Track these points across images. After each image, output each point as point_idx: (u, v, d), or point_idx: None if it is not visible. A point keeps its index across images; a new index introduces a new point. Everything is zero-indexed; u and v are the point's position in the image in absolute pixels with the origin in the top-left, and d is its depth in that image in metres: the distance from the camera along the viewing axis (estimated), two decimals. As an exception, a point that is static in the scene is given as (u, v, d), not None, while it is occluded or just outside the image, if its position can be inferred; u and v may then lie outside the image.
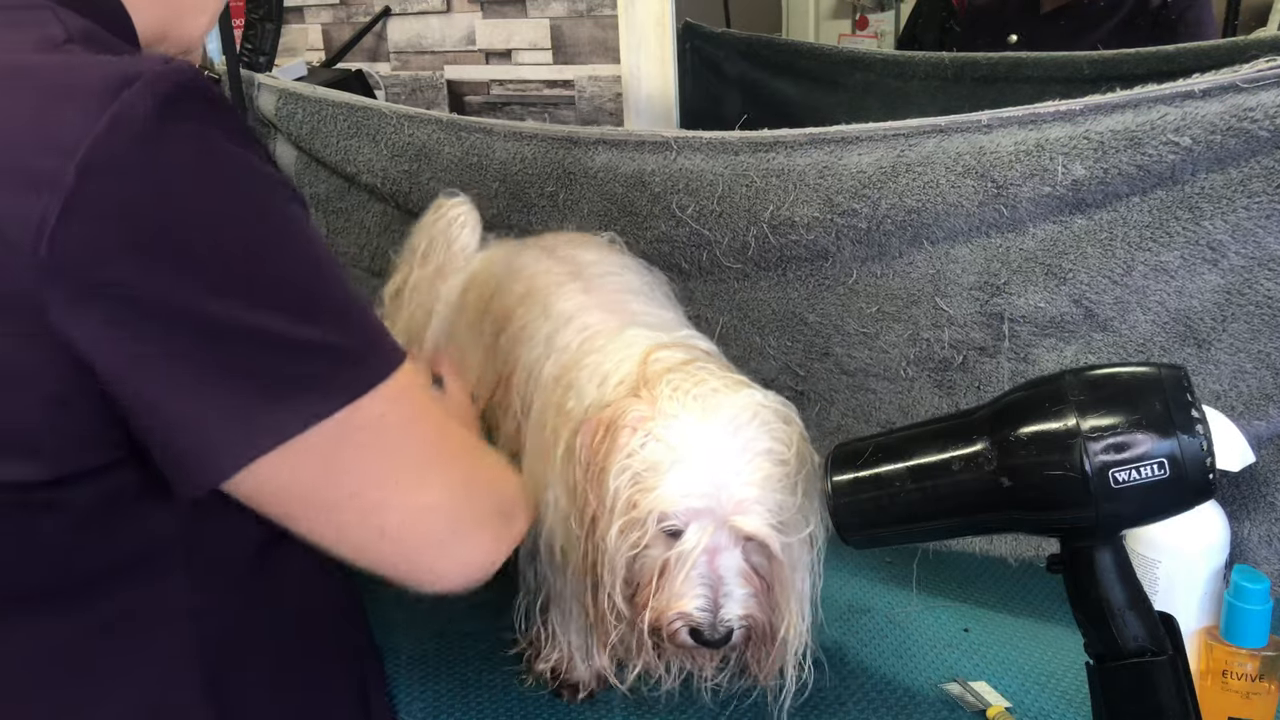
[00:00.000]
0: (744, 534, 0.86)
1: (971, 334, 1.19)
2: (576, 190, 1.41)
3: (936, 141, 1.12)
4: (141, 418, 0.59)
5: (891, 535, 0.84)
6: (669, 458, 0.84)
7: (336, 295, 0.64)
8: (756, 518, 0.85)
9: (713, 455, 0.85)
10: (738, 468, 0.85)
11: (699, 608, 0.86)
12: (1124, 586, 0.75)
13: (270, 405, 0.60)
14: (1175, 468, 0.70)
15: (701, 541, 0.85)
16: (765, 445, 0.86)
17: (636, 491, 0.85)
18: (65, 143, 0.54)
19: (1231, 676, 0.89)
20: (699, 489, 0.84)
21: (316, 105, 1.65)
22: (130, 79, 0.56)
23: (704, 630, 0.86)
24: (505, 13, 2.07)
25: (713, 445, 0.85)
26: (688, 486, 0.84)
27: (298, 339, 0.60)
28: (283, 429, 0.60)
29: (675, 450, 0.85)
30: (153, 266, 0.55)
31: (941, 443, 0.79)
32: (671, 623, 0.87)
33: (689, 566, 0.85)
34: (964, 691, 1.01)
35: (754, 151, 1.23)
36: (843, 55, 2.00)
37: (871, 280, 1.24)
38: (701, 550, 0.85)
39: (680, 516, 0.85)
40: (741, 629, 0.87)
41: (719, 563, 0.86)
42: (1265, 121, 0.96)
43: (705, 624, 0.86)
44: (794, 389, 1.32)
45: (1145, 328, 1.11)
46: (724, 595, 0.86)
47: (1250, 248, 1.03)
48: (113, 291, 0.55)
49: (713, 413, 0.86)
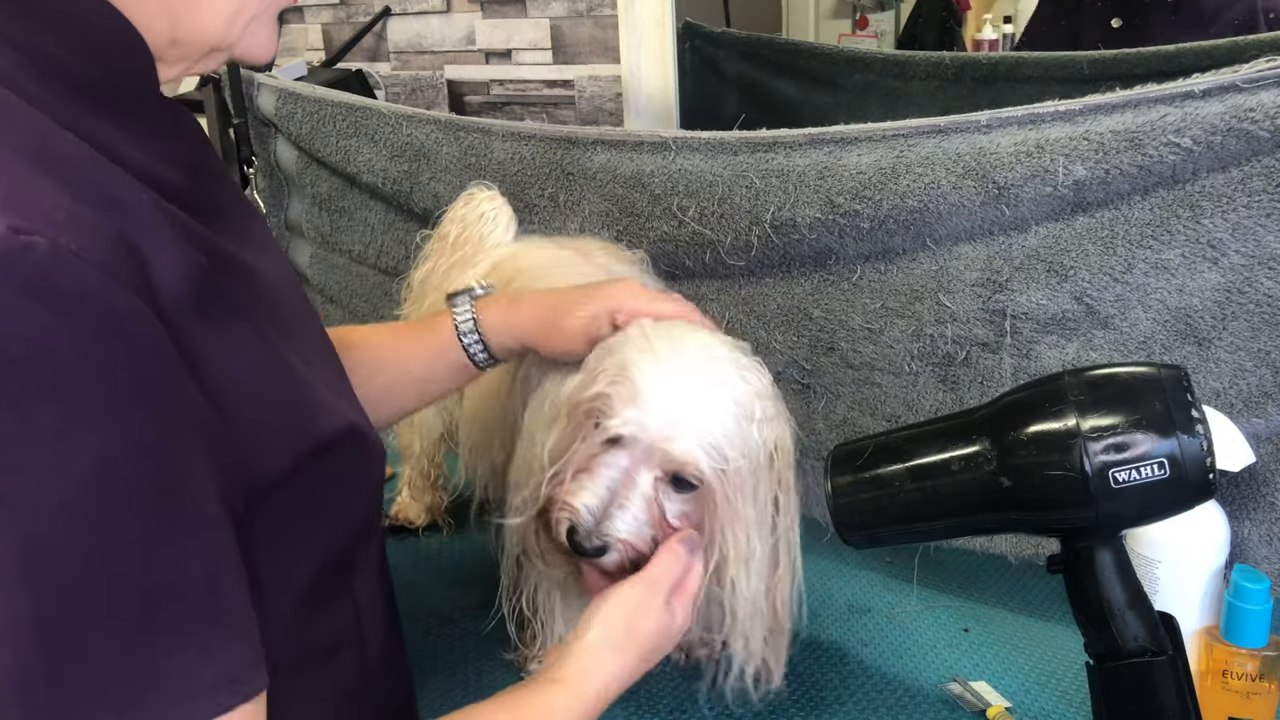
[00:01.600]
0: (673, 461, 0.84)
1: (974, 330, 1.19)
2: (576, 191, 1.41)
3: (936, 142, 1.12)
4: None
5: (891, 535, 0.84)
6: (626, 376, 0.86)
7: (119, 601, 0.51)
8: (691, 446, 0.84)
9: (668, 383, 0.85)
10: (688, 398, 0.85)
11: (587, 505, 0.85)
12: (1124, 586, 0.75)
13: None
14: (1175, 468, 0.70)
15: (627, 453, 0.85)
16: (724, 387, 0.87)
17: (589, 398, 0.86)
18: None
19: (1231, 676, 0.89)
20: (644, 408, 0.84)
21: (315, 105, 1.65)
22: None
23: (579, 530, 0.85)
24: (505, 13, 2.07)
25: (670, 373, 0.86)
26: (634, 403, 0.84)
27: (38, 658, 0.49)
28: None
29: (634, 371, 0.86)
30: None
31: (941, 443, 0.79)
32: (559, 512, 0.86)
33: (603, 469, 0.85)
34: (964, 691, 1.01)
35: (753, 152, 1.23)
36: (843, 55, 2.00)
37: (875, 277, 1.24)
38: (624, 462, 0.85)
39: (619, 427, 0.85)
40: (618, 553, 0.85)
41: (633, 480, 0.85)
42: (1265, 121, 0.96)
43: (584, 525, 0.85)
44: (800, 383, 1.32)
45: (1146, 325, 1.11)
46: (618, 508, 0.85)
47: (1250, 246, 1.03)
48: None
49: (680, 347, 0.87)
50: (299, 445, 0.65)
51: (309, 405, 0.67)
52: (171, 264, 0.55)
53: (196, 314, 0.57)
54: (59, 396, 0.49)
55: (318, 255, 1.82)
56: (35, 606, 0.49)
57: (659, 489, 0.86)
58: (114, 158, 0.58)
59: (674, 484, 0.86)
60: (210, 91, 1.76)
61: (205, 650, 0.53)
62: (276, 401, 0.64)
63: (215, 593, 0.55)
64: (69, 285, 0.49)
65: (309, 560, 0.68)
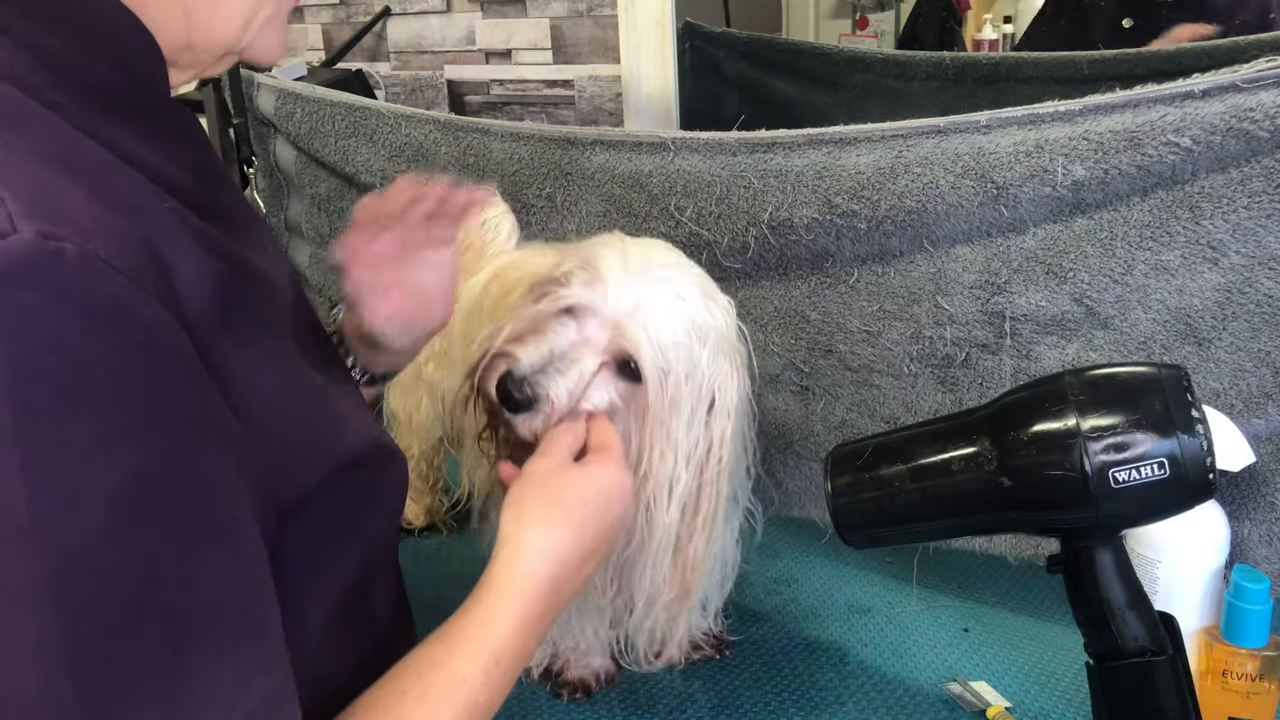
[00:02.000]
0: (622, 339, 0.85)
1: (973, 332, 1.19)
2: (574, 191, 1.40)
3: (935, 142, 1.12)
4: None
5: (891, 535, 0.84)
6: (592, 263, 0.87)
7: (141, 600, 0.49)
8: (640, 333, 0.85)
9: (632, 278, 0.86)
10: (647, 296, 0.86)
11: (528, 357, 0.83)
12: (1124, 586, 0.75)
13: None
14: (1175, 468, 0.70)
15: (577, 326, 0.85)
16: (685, 302, 0.88)
17: (552, 274, 0.88)
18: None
19: (1231, 676, 0.89)
20: (602, 289, 0.86)
21: (314, 105, 1.65)
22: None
23: (512, 375, 0.83)
24: (505, 13, 2.07)
25: (635, 271, 0.87)
26: (594, 284, 0.86)
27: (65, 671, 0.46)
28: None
29: (601, 261, 0.87)
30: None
31: (941, 443, 0.79)
32: (495, 360, 0.85)
33: (552, 333, 0.85)
34: (964, 691, 1.01)
35: (751, 152, 1.23)
36: (843, 55, 2.00)
37: (873, 279, 1.23)
38: (573, 334, 0.85)
39: (576, 296, 0.86)
40: (542, 414, 0.83)
41: (579, 354, 0.85)
42: (1265, 122, 0.96)
43: (518, 371, 0.83)
44: (799, 385, 1.32)
45: (1146, 326, 1.11)
46: (557, 372, 0.84)
47: (1250, 247, 1.03)
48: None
49: (653, 257, 0.90)
50: (329, 460, 0.63)
51: (333, 418, 0.66)
52: (194, 273, 0.54)
53: (220, 325, 0.56)
54: (91, 410, 0.47)
55: (317, 255, 1.82)
56: (67, 628, 0.46)
57: (600, 376, 0.86)
58: (132, 163, 0.57)
59: (620, 370, 0.86)
60: (210, 91, 1.76)
61: (243, 676, 0.52)
62: (302, 415, 0.62)
63: (251, 615, 0.53)
64: (99, 293, 0.47)
65: (337, 581, 0.66)
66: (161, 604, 0.49)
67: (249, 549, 0.54)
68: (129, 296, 0.49)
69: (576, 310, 0.86)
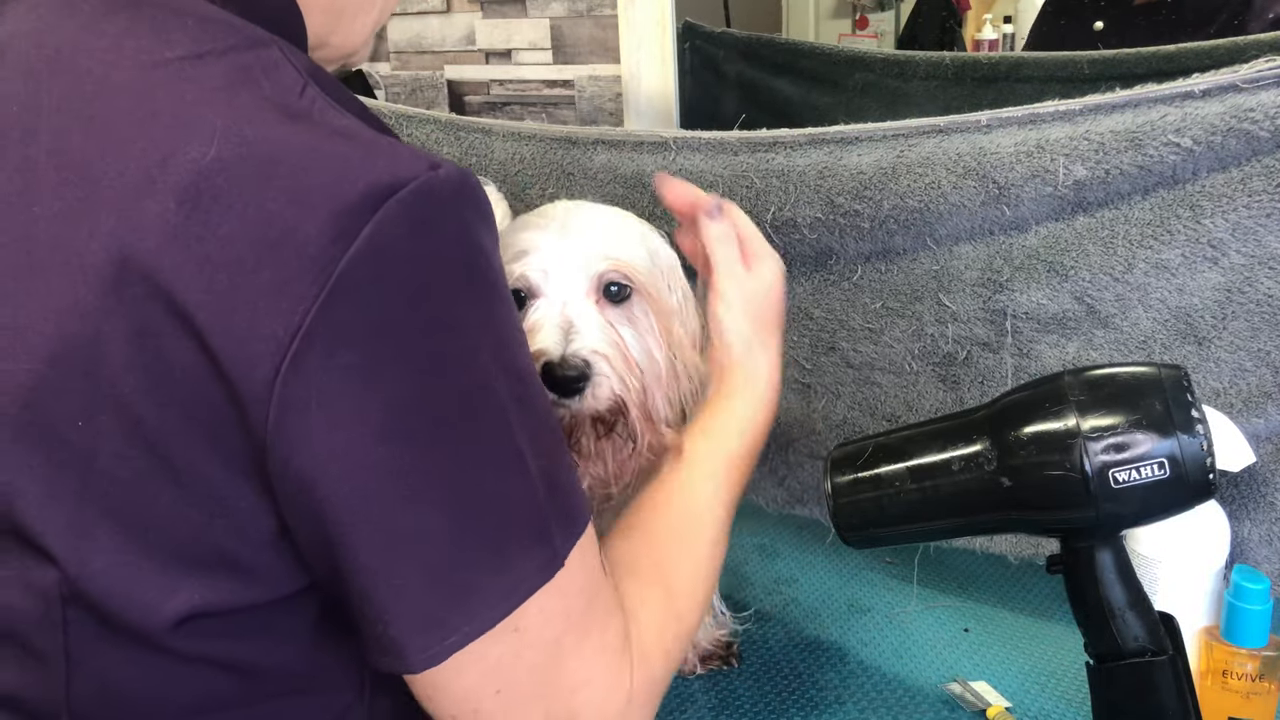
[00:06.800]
0: (601, 260, 0.86)
1: (975, 330, 1.19)
2: (576, 191, 1.40)
3: (936, 142, 1.12)
4: (345, 567, 0.54)
5: (891, 535, 0.84)
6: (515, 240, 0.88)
7: (556, 430, 0.61)
8: (606, 250, 0.87)
9: (553, 233, 0.88)
10: (590, 223, 0.89)
11: (547, 342, 0.82)
12: (1124, 586, 0.75)
13: (500, 565, 0.55)
14: (1175, 468, 0.70)
15: (551, 287, 0.86)
16: (624, 218, 0.92)
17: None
18: (314, 257, 0.50)
19: (1231, 676, 0.89)
20: (545, 242, 0.87)
21: (316, 105, 1.65)
22: (394, 187, 0.51)
23: (555, 364, 0.81)
24: (505, 13, 2.07)
25: (553, 228, 0.89)
26: (536, 243, 0.87)
27: (535, 476, 0.57)
28: (508, 597, 0.55)
29: (529, 224, 0.90)
30: (394, 388, 0.52)
31: (941, 443, 0.79)
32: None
33: (542, 314, 0.85)
34: (964, 691, 1.01)
35: (753, 152, 1.23)
36: (843, 55, 2.00)
37: (875, 277, 1.24)
38: (556, 296, 0.85)
39: (529, 266, 0.86)
40: (604, 377, 0.83)
41: (572, 307, 0.85)
42: (1265, 122, 0.96)
43: (553, 354, 0.81)
44: (801, 382, 1.32)
45: (1146, 325, 1.11)
46: (575, 333, 0.83)
47: (1251, 246, 1.03)
48: (343, 410, 0.51)
49: (554, 209, 0.93)
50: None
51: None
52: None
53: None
54: (500, 293, 0.58)
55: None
56: (531, 439, 0.58)
57: (601, 310, 0.86)
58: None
59: (609, 299, 0.87)
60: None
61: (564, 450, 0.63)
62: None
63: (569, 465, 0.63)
64: (487, 203, 0.57)
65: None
66: (546, 418, 0.61)
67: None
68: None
69: (532, 289, 0.86)
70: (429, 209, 0.52)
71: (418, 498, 0.53)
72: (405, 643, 0.54)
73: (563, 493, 0.60)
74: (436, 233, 0.53)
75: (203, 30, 0.56)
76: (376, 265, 0.51)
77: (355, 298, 0.50)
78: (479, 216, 0.56)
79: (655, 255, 0.92)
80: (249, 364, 0.50)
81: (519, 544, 0.56)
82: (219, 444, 0.52)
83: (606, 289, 0.87)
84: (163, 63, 0.55)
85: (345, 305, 0.50)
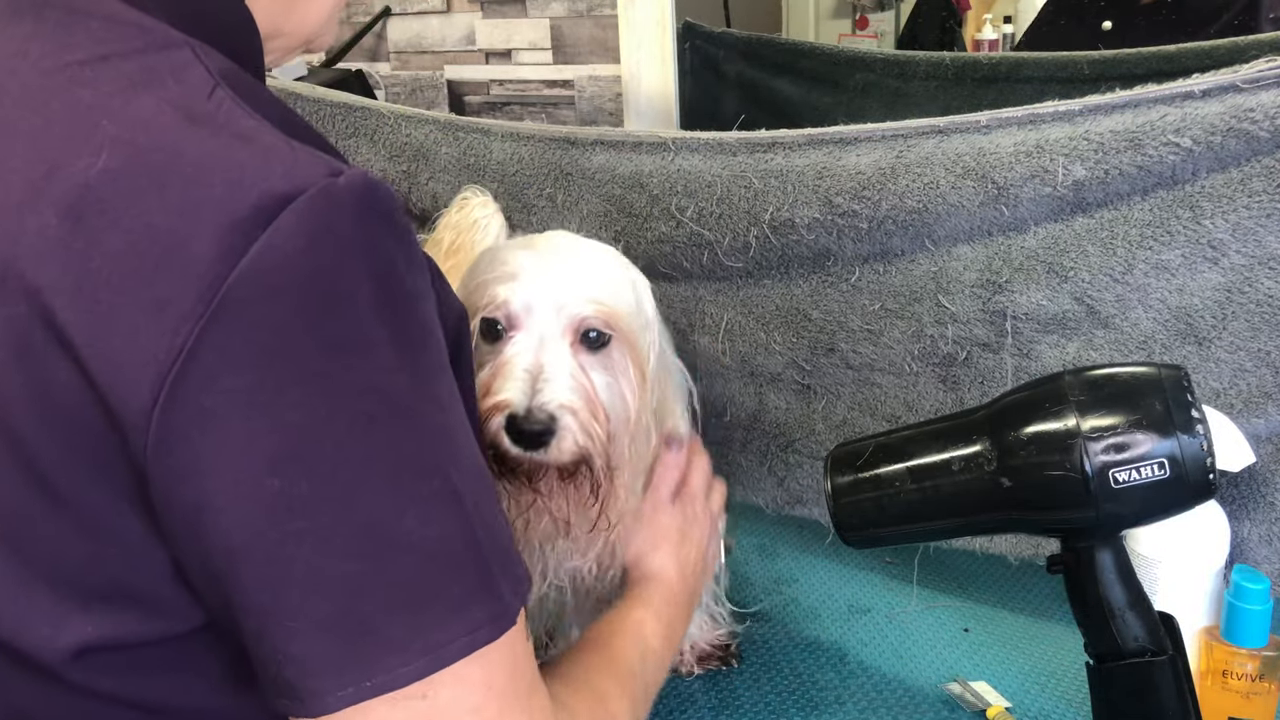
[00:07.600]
0: (579, 305, 0.83)
1: (974, 330, 1.19)
2: (575, 191, 1.40)
3: (935, 142, 1.12)
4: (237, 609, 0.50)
5: (891, 535, 0.84)
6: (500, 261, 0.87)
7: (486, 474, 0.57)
8: (589, 293, 0.84)
9: (548, 255, 0.87)
10: (571, 260, 0.87)
11: (512, 394, 0.79)
12: (1124, 586, 0.75)
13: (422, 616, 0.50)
14: (1175, 468, 0.70)
15: (524, 331, 0.83)
16: (605, 253, 0.90)
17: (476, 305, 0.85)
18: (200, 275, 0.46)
19: (1231, 676, 0.89)
20: (526, 277, 0.84)
21: (315, 105, 1.65)
22: (289, 196, 0.48)
23: (520, 417, 0.78)
24: (505, 13, 2.07)
25: (547, 248, 0.88)
26: (515, 277, 0.84)
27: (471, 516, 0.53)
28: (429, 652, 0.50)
29: (508, 255, 0.87)
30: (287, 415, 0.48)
31: (941, 443, 0.79)
32: (491, 419, 0.80)
33: (513, 359, 0.82)
34: (964, 691, 1.01)
35: (752, 152, 1.23)
36: (843, 55, 2.00)
37: (874, 278, 1.24)
38: (527, 339, 0.82)
39: (506, 301, 0.83)
40: (569, 431, 0.80)
41: (543, 355, 0.82)
42: (1265, 122, 0.96)
43: (518, 407, 0.78)
44: (800, 383, 1.32)
45: (1146, 325, 1.11)
46: (544, 382, 0.80)
47: (1251, 246, 1.03)
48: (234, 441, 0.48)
49: (552, 239, 0.91)
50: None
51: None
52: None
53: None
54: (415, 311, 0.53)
55: (317, 255, 1.82)
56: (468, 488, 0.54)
57: (575, 354, 0.83)
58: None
59: (586, 344, 0.84)
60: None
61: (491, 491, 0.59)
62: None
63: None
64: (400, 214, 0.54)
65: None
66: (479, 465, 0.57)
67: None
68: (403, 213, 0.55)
69: (511, 319, 0.83)
70: (327, 218, 0.49)
71: (314, 534, 0.49)
72: (298, 685, 0.50)
73: (504, 538, 0.55)
74: (337, 245, 0.49)
75: (108, 31, 0.53)
76: (268, 281, 0.47)
77: (243, 317, 0.47)
78: (388, 227, 0.52)
79: (640, 301, 0.90)
80: (127, 389, 0.47)
81: (454, 592, 0.52)
82: (103, 472, 0.49)
83: (585, 335, 0.84)
84: (61, 67, 0.52)
85: (232, 325, 0.47)
